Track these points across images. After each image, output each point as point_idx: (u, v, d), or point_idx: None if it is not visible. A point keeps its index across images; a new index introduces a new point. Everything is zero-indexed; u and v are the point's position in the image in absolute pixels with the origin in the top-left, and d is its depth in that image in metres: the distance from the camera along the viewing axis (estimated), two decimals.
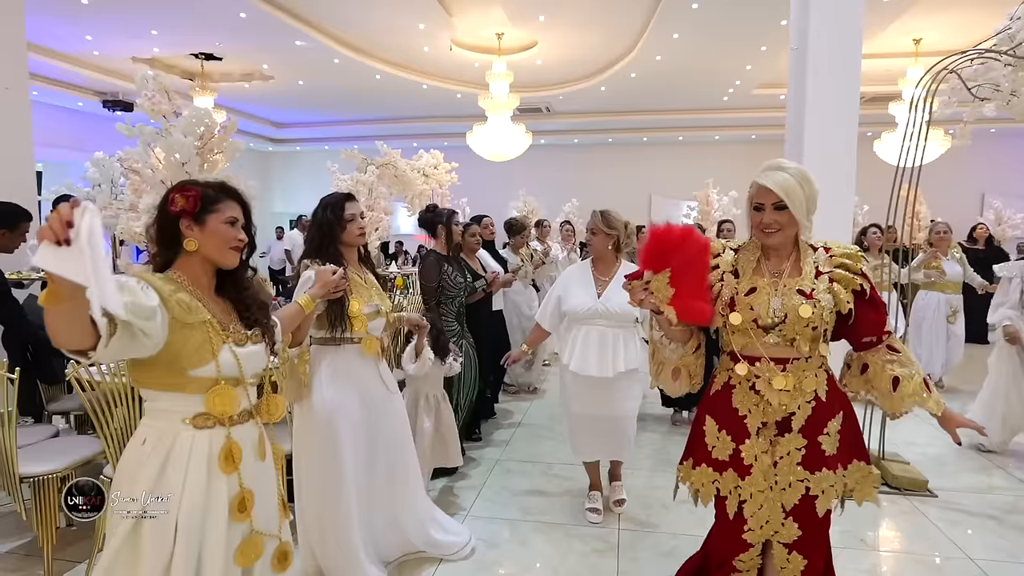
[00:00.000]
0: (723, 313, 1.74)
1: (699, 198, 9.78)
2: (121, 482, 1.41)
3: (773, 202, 1.67)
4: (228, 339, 1.47)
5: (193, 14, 6.90)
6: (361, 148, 7.07)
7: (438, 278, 3.38)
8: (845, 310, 1.67)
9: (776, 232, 1.69)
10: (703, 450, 1.81)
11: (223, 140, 3.44)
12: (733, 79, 9.60)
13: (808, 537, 1.72)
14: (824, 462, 1.70)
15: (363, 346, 2.28)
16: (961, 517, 3.07)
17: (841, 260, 1.71)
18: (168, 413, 1.43)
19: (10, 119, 4.45)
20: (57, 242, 1.04)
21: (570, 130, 13.22)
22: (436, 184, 8.11)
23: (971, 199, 12.72)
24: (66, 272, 1.06)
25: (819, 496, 1.69)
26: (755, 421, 1.73)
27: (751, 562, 1.78)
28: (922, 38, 8.01)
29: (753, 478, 1.72)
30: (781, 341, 1.68)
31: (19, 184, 4.60)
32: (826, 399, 1.72)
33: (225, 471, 1.43)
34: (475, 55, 8.52)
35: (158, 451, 1.39)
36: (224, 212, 1.51)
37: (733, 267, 1.78)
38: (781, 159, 1.76)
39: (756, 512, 1.74)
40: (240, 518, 1.45)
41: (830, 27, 3.38)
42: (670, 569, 2.25)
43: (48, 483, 2.52)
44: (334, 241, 2.25)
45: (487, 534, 2.83)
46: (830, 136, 3.36)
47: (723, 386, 1.80)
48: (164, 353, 1.36)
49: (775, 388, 1.69)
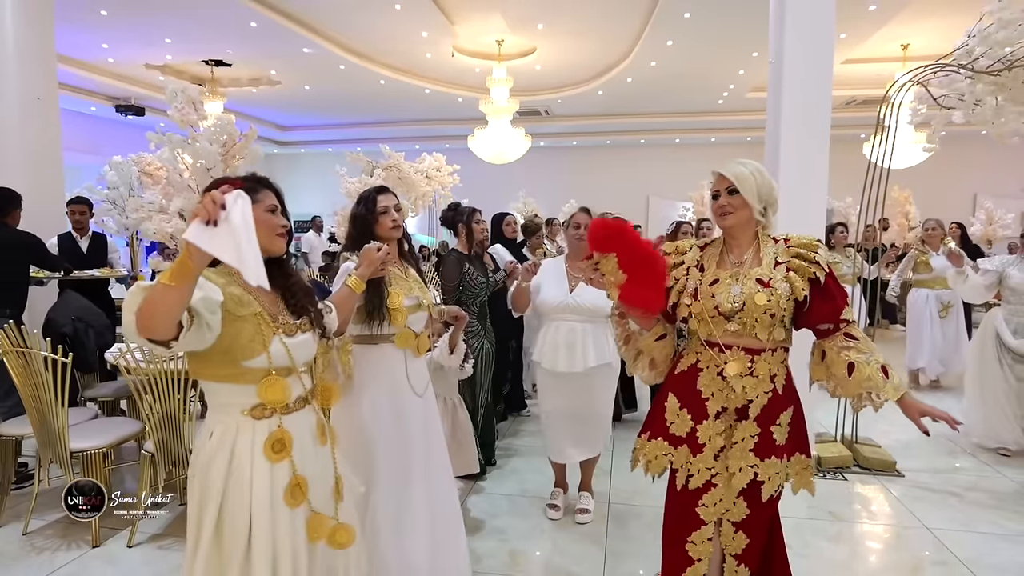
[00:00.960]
0: (687, 303, 1.84)
1: (695, 199, 10.06)
2: (195, 476, 1.45)
3: (726, 187, 1.82)
4: (278, 330, 1.48)
5: (206, 23, 7.17)
6: (364, 150, 7.33)
7: (459, 277, 3.33)
8: (801, 297, 1.73)
9: (729, 214, 1.81)
10: (661, 424, 1.89)
11: (244, 147, 3.71)
12: (727, 83, 9.87)
13: (753, 518, 1.81)
14: (773, 450, 1.79)
15: (398, 339, 2.14)
16: (924, 494, 3.34)
17: (797, 250, 1.79)
18: (228, 406, 1.46)
19: (42, 126, 4.73)
20: (207, 221, 1.11)
21: (568, 132, 13.47)
22: (439, 186, 8.40)
23: (964, 200, 12.96)
24: (214, 249, 1.12)
25: (765, 482, 1.78)
26: (716, 404, 1.80)
27: (703, 546, 1.82)
28: (909, 43, 8.26)
29: (704, 456, 1.81)
30: (741, 329, 1.76)
31: (49, 186, 4.89)
32: (782, 392, 1.81)
33: (273, 459, 1.45)
34: (476, 61, 8.79)
35: (224, 444, 1.43)
36: (264, 201, 1.55)
37: (698, 262, 1.89)
38: (743, 159, 1.89)
39: (710, 490, 1.81)
40: (294, 504, 1.47)
41: (805, 44, 3.63)
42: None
43: (94, 457, 2.80)
44: (370, 234, 2.20)
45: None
46: (804, 144, 3.61)
47: (689, 367, 1.87)
48: (218, 345, 1.38)
49: (733, 374, 1.76)
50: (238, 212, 1.15)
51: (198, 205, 1.13)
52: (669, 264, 1.91)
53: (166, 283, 1.14)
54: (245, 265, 1.13)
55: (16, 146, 4.62)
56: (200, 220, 1.11)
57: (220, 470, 1.41)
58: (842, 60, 8.58)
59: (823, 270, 1.75)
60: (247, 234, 1.15)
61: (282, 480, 1.46)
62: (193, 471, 1.46)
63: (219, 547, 1.41)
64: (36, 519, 2.95)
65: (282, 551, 1.43)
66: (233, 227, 1.13)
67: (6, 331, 2.71)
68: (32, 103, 4.69)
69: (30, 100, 4.68)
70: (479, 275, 3.39)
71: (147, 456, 2.79)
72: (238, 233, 1.13)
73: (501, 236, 4.90)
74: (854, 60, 8.64)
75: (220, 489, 1.40)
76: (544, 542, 2.81)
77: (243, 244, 1.13)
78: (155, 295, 1.17)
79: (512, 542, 2.80)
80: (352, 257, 2.10)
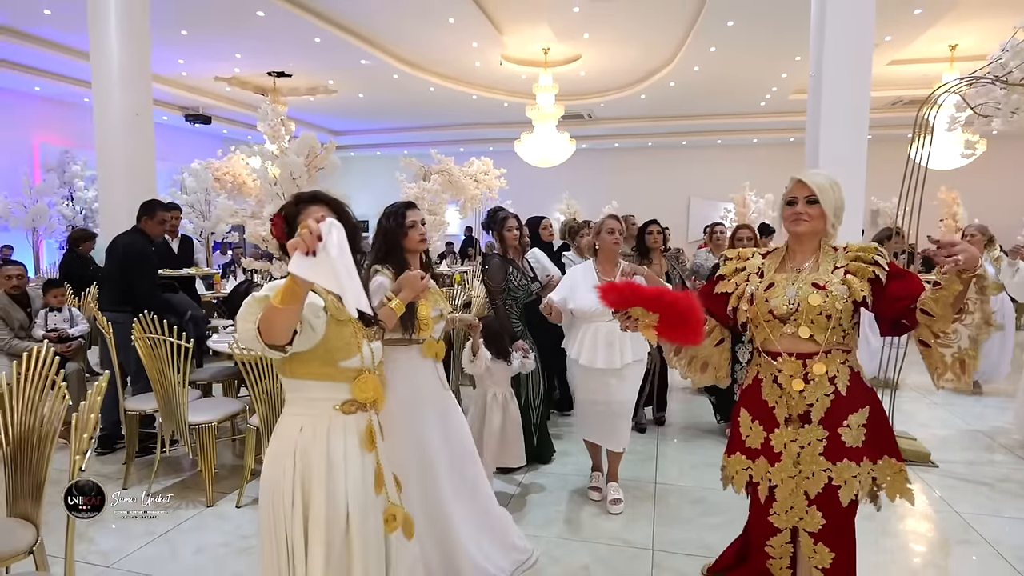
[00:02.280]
0: (744, 308, 1.87)
1: (736, 200, 10.19)
2: (284, 467, 1.50)
3: (806, 195, 1.81)
4: (365, 335, 1.62)
5: (274, 39, 7.73)
6: (410, 153, 7.72)
7: (504, 279, 3.45)
8: (859, 298, 1.73)
9: (805, 222, 1.80)
10: (738, 440, 1.93)
11: (324, 158, 4.15)
12: (769, 86, 9.97)
13: (832, 527, 1.78)
14: (845, 453, 1.76)
15: (424, 348, 2.30)
16: (956, 483, 3.53)
17: (856, 253, 1.80)
18: (320, 401, 1.55)
19: (140, 139, 5.27)
20: (307, 252, 1.19)
21: (610, 135, 13.69)
22: (486, 189, 8.80)
23: (1018, 201, 12.67)
24: (317, 278, 1.21)
25: (841, 486, 1.75)
26: (782, 412, 1.83)
27: (781, 549, 1.88)
28: (957, 44, 8.24)
29: (783, 464, 1.83)
30: (796, 332, 1.77)
31: (144, 195, 5.43)
32: (847, 393, 1.78)
33: (368, 449, 1.58)
34: (522, 68, 9.14)
35: (318, 436, 1.52)
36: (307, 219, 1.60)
37: (759, 269, 1.92)
38: (818, 170, 2.02)
39: (783, 498, 1.83)
40: (379, 490, 1.60)
41: (844, 50, 3.87)
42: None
43: (208, 430, 3.25)
44: (398, 248, 2.29)
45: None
46: (843, 146, 3.85)
47: (753, 380, 1.92)
48: (320, 347, 1.49)
49: (790, 378, 1.78)
50: (334, 241, 1.22)
51: (297, 237, 1.21)
52: (731, 269, 1.98)
53: (277, 305, 1.26)
54: (345, 291, 1.21)
55: (119, 160, 5.17)
56: (300, 252, 1.19)
57: (320, 462, 1.50)
58: (887, 61, 8.61)
59: (883, 269, 1.73)
60: (344, 261, 1.22)
61: (371, 469, 1.58)
62: (280, 462, 1.51)
63: (328, 536, 1.49)
64: (157, 483, 3.44)
65: (371, 539, 1.55)
66: (331, 256, 1.20)
67: (139, 320, 3.19)
68: (132, 119, 5.24)
69: (130, 116, 5.23)
70: (522, 277, 3.54)
71: (252, 429, 3.23)
72: (336, 262, 1.21)
73: (539, 240, 4.91)
74: (900, 61, 8.66)
75: (323, 480, 1.49)
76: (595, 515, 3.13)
77: (341, 272, 1.21)
78: (271, 315, 1.29)
79: (567, 513, 3.12)
80: (384, 271, 2.22)
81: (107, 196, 5.22)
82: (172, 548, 2.79)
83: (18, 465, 2.13)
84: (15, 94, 9.68)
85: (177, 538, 2.88)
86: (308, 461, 1.50)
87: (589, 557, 2.70)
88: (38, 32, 7.58)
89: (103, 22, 5.09)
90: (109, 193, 5.19)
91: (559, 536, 2.90)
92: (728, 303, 1.93)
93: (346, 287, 1.21)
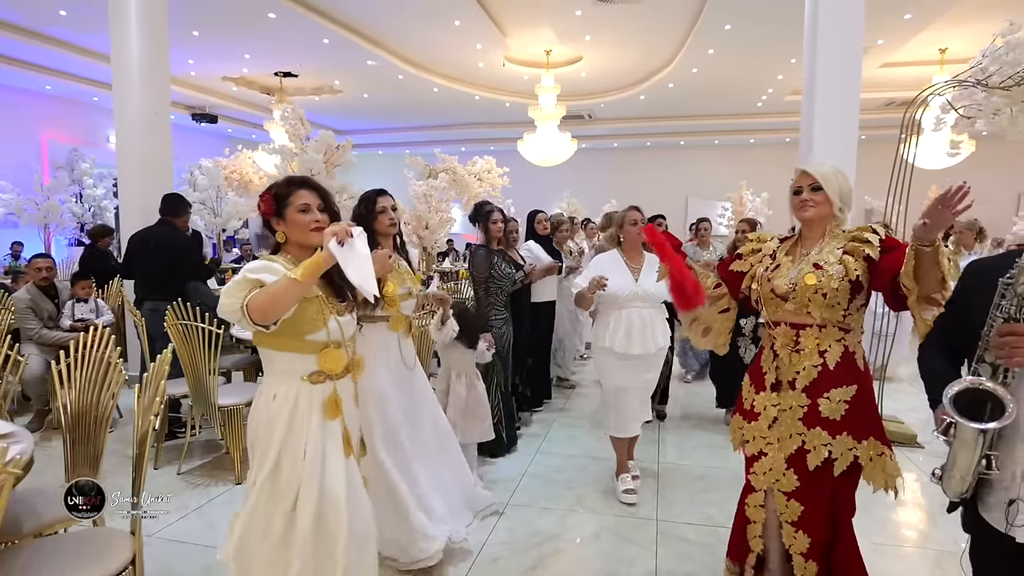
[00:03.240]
0: (755, 287, 2.01)
1: (733, 199, 10.42)
2: (259, 430, 1.71)
3: (810, 183, 1.93)
4: (332, 311, 1.73)
5: (283, 40, 7.92)
6: (412, 152, 7.90)
7: (488, 269, 3.68)
8: (854, 276, 1.82)
9: (812, 207, 1.91)
10: (740, 403, 2.08)
11: (341, 155, 4.35)
12: (766, 87, 10.19)
13: (805, 487, 1.89)
14: (820, 422, 1.86)
15: (391, 323, 2.49)
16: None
17: (853, 234, 1.92)
18: (290, 372, 1.71)
19: (158, 137, 5.45)
20: (340, 241, 1.53)
21: (610, 135, 13.91)
22: (489, 187, 9.01)
23: (1008, 198, 12.90)
24: (346, 264, 1.53)
25: (811, 451, 1.86)
26: (771, 377, 1.96)
27: (755, 510, 2.00)
28: (948, 47, 8.46)
29: (758, 425, 1.96)
30: (796, 308, 1.89)
31: (160, 191, 5.61)
32: (835, 368, 1.86)
33: (332, 416, 1.74)
34: (524, 69, 9.35)
35: (287, 403, 1.69)
36: (295, 202, 1.74)
37: (774, 252, 2.07)
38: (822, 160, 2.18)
39: (760, 459, 1.95)
40: (348, 452, 1.79)
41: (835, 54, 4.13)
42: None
43: (235, 412, 3.45)
44: (369, 231, 2.32)
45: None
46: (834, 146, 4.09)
47: (760, 349, 2.07)
48: (288, 321, 1.62)
49: (780, 346, 1.92)
50: (362, 242, 1.58)
51: (335, 227, 1.53)
52: (748, 250, 2.13)
53: (298, 279, 1.50)
54: (364, 283, 1.56)
55: (136, 157, 5.35)
56: (337, 238, 1.51)
57: (283, 425, 1.68)
58: (880, 64, 8.85)
59: (875, 247, 1.82)
60: (367, 260, 1.58)
61: (336, 434, 1.75)
62: (257, 425, 1.72)
63: (274, 489, 1.68)
64: (187, 463, 3.63)
65: (328, 496, 1.70)
66: (358, 253, 1.55)
67: (172, 308, 3.38)
68: (151, 118, 5.42)
69: (149, 116, 5.41)
70: (507, 266, 3.74)
71: None
72: (362, 259, 1.56)
73: (534, 233, 4.97)
74: (892, 64, 8.88)
75: (281, 440, 1.67)
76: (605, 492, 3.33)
77: (364, 267, 1.56)
78: (285, 288, 1.51)
79: (577, 490, 3.33)
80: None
81: (126, 193, 5.40)
82: (207, 521, 2.98)
83: (76, 439, 2.32)
84: (26, 92, 9.84)
85: (211, 511, 3.08)
86: (274, 426, 1.67)
87: (598, 526, 2.91)
88: (53, 32, 7.75)
89: (124, 25, 5.27)
90: (127, 190, 5.37)
91: (569, 508, 3.11)
92: (743, 281, 2.08)
93: (366, 279, 1.55)
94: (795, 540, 1.90)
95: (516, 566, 2.57)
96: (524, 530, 2.88)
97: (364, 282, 1.56)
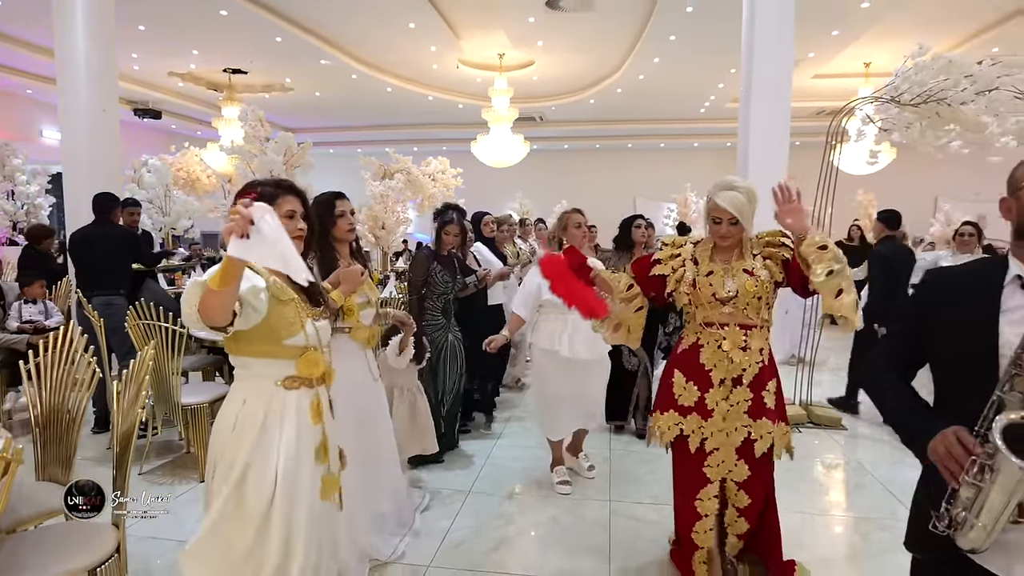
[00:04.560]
0: (687, 292, 2.12)
1: (678, 200, 10.90)
2: (226, 437, 1.60)
3: (728, 218, 2.04)
4: (310, 314, 1.67)
5: (235, 37, 7.81)
6: (364, 152, 7.88)
7: (425, 274, 3.49)
8: (780, 278, 2.06)
9: (730, 238, 2.08)
10: (670, 399, 2.17)
11: (300, 156, 4.41)
12: (708, 94, 10.70)
13: (754, 477, 2.10)
14: (764, 412, 2.07)
15: (352, 334, 2.36)
16: (860, 441, 4.16)
17: (767, 240, 2.12)
18: (263, 377, 1.63)
19: (106, 134, 5.34)
20: (241, 235, 1.27)
21: (561, 137, 14.22)
22: (443, 187, 9.11)
23: (926, 202, 13.87)
24: (256, 258, 1.30)
25: (757, 440, 2.07)
26: (719, 375, 2.08)
27: (709, 502, 2.12)
28: (871, 61, 9.13)
29: (714, 420, 2.10)
30: (735, 311, 2.07)
31: (109, 183, 5.47)
32: (768, 363, 2.09)
33: (315, 422, 1.65)
34: (478, 71, 9.50)
35: (257, 409, 1.59)
36: (283, 206, 1.70)
37: (693, 256, 2.18)
38: (731, 177, 2.12)
39: (715, 451, 2.10)
40: (322, 460, 1.68)
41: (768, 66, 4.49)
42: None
43: (200, 410, 3.48)
44: (327, 236, 2.30)
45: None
46: (767, 152, 4.46)
47: (691, 346, 2.15)
48: (262, 326, 1.55)
49: (731, 347, 2.05)
50: (267, 224, 1.31)
51: (230, 223, 1.27)
52: (667, 255, 2.23)
53: (214, 288, 1.33)
54: (289, 266, 1.35)
55: (84, 154, 5.24)
56: (236, 236, 1.26)
57: (252, 431, 1.57)
58: (811, 75, 9.45)
59: (789, 249, 2.05)
60: (283, 240, 1.33)
61: (313, 441, 1.65)
62: (222, 432, 1.61)
63: (241, 502, 1.57)
64: (147, 464, 3.63)
65: (299, 506, 1.61)
66: (266, 237, 1.29)
67: (135, 308, 3.39)
68: (98, 115, 5.31)
69: (96, 113, 5.30)
70: (446, 275, 3.51)
71: None
72: (274, 242, 1.31)
73: (481, 235, 4.87)
74: (823, 75, 9.50)
75: (249, 451, 1.56)
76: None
77: (283, 249, 1.32)
78: (208, 297, 1.35)
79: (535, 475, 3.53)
80: (311, 261, 2.22)
81: (72, 191, 5.26)
82: (176, 518, 3.01)
83: (47, 439, 2.34)
84: None
85: (178, 508, 3.11)
86: (243, 432, 1.58)
87: (556, 508, 3.11)
88: None
89: (69, 19, 5.15)
90: (74, 188, 5.24)
91: (527, 493, 3.31)
92: (666, 284, 2.18)
93: (289, 262, 1.35)
94: (736, 523, 2.14)
95: (479, 547, 2.74)
96: (486, 514, 3.05)
97: (288, 266, 1.36)
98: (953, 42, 8.14)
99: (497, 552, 2.72)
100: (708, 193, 2.11)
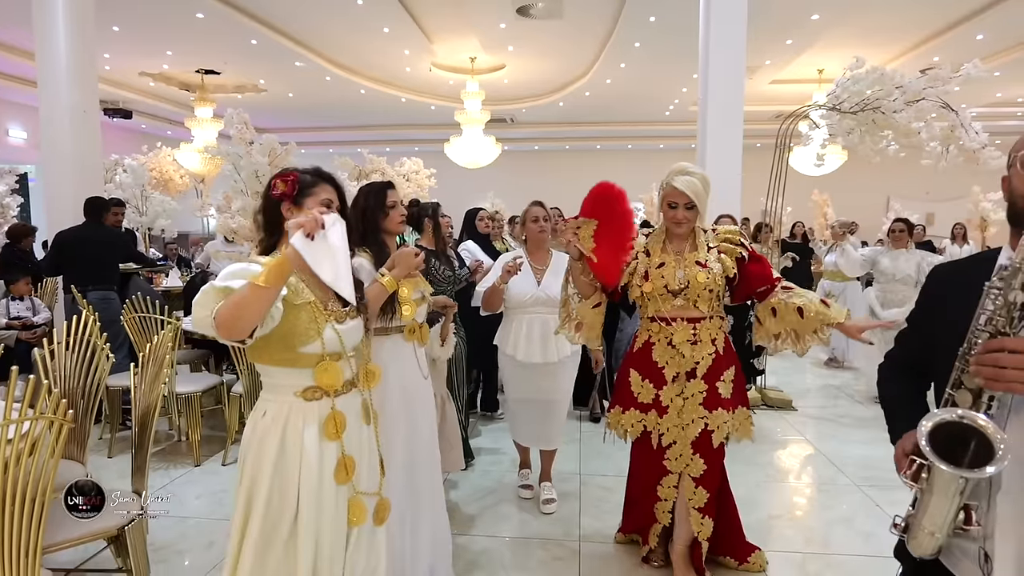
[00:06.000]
0: (639, 284, 2.12)
1: (645, 200, 11.33)
2: (249, 452, 1.50)
3: (685, 202, 2.07)
4: (330, 317, 1.52)
5: (210, 39, 7.90)
6: (336, 152, 8.02)
7: (426, 272, 3.25)
8: (731, 274, 2.09)
9: (686, 223, 2.12)
10: (630, 397, 2.19)
11: (284, 158, 4.60)
12: (672, 98, 11.14)
13: (710, 471, 2.12)
14: (720, 403, 2.09)
15: (406, 332, 2.19)
16: (809, 421, 4.55)
17: (725, 236, 2.16)
18: (283, 387, 1.51)
19: (88, 136, 5.42)
20: (308, 235, 1.23)
21: (531, 138, 14.55)
22: (417, 187, 9.33)
23: (878, 201, 14.55)
24: (314, 262, 1.23)
25: (714, 431, 2.09)
26: (671, 371, 2.10)
27: (669, 491, 2.18)
28: (824, 68, 9.66)
29: (669, 416, 2.13)
30: (686, 303, 2.09)
31: (91, 188, 5.58)
32: (723, 353, 2.12)
33: (330, 438, 1.50)
34: (450, 74, 9.74)
35: (277, 422, 1.48)
36: (319, 195, 1.57)
37: (645, 248, 2.20)
38: (685, 163, 2.13)
39: (672, 446, 2.13)
40: (342, 480, 1.52)
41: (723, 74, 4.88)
42: None
43: (194, 399, 3.67)
44: (377, 229, 2.20)
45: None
46: (723, 153, 4.83)
47: (644, 344, 2.18)
48: (277, 331, 1.42)
49: (680, 341, 2.07)
50: (335, 233, 1.26)
51: (301, 218, 1.24)
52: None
53: (262, 284, 1.21)
54: (339, 279, 1.26)
55: (67, 154, 5.31)
56: (303, 232, 1.22)
57: (272, 447, 1.46)
58: (769, 81, 9.95)
59: (746, 248, 2.13)
60: (342, 254, 1.27)
61: (331, 459, 1.51)
62: (247, 447, 1.51)
63: (266, 521, 1.45)
64: None
65: (325, 528, 1.49)
66: (331, 246, 1.24)
67: (131, 302, 3.56)
68: (79, 116, 5.40)
69: (77, 113, 5.38)
70: (446, 269, 3.22)
71: (237, 396, 3.68)
72: (335, 253, 1.25)
73: (474, 232, 4.74)
74: (780, 81, 10.01)
75: (272, 465, 1.46)
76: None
77: (339, 263, 1.26)
78: (248, 297, 1.23)
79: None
80: (361, 253, 2.10)
81: (55, 192, 5.34)
82: (176, 500, 3.19)
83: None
84: None
85: (174, 489, 3.31)
86: (263, 448, 1.47)
87: (532, 482, 3.40)
88: None
89: (50, 20, 5.23)
90: (57, 189, 5.32)
91: (508, 472, 3.59)
92: (622, 278, 2.20)
93: (341, 277, 1.27)
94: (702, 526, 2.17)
95: (469, 511, 3.06)
96: (468, 488, 3.34)
97: (338, 279, 1.28)
98: (898, 51, 8.71)
99: (483, 516, 2.99)
100: (664, 179, 2.14)
